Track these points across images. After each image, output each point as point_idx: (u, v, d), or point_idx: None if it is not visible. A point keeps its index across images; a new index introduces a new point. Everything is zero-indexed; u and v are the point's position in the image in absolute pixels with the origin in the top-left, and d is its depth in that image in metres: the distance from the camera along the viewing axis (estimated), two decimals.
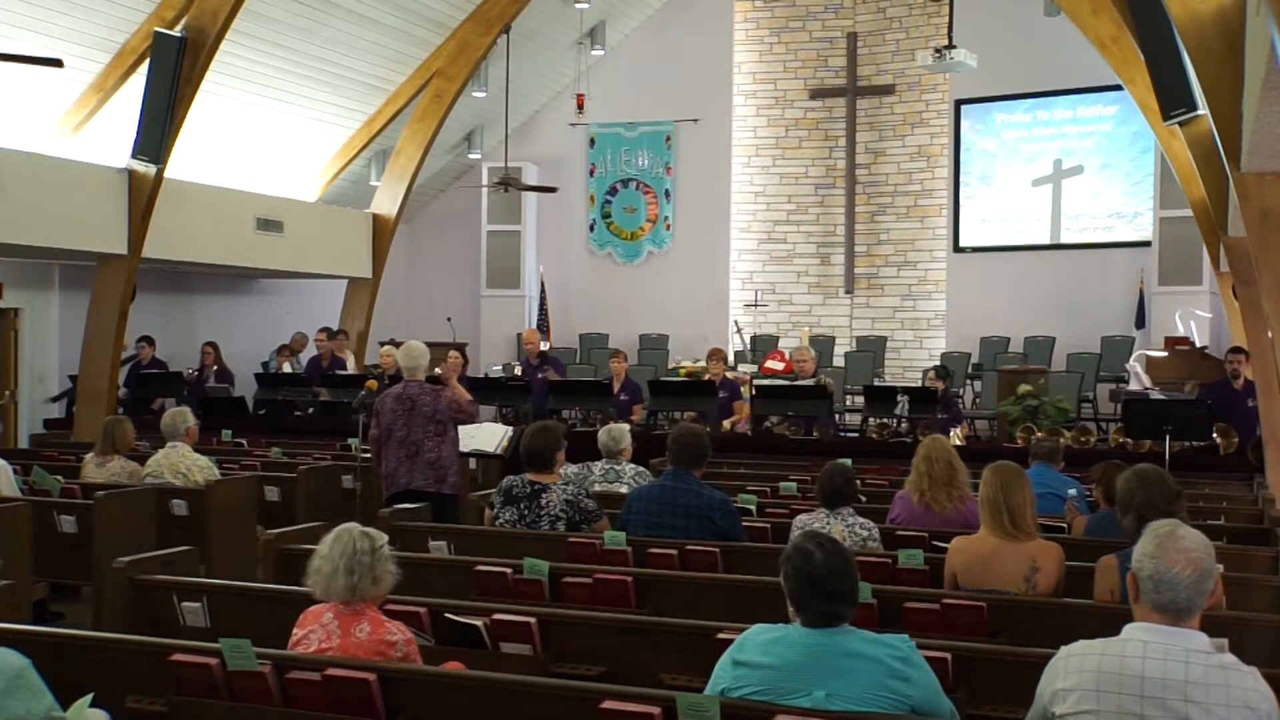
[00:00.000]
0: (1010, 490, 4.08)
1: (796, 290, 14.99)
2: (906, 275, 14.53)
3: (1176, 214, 12.00)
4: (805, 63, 14.87)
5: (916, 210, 14.45)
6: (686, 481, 4.94)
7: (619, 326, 14.91)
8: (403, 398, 6.38)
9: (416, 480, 6.31)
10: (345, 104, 13.16)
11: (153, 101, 10.00)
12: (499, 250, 15.39)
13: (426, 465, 6.31)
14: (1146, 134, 12.12)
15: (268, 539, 4.60)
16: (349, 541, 3.11)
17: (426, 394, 6.36)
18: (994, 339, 13.45)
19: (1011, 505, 4.05)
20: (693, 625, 3.48)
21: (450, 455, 6.39)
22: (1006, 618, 3.78)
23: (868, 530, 4.79)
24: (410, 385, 6.41)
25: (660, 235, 15.35)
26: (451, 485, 6.32)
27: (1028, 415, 8.97)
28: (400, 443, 6.36)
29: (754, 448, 8.95)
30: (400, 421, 6.37)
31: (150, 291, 12.60)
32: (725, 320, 14.49)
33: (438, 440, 6.34)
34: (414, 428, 6.34)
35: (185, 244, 11.56)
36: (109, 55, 10.53)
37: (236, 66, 11.52)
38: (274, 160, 13.16)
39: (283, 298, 14.56)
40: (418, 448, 6.33)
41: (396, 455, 6.37)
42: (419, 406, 6.33)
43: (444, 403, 6.34)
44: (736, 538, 4.88)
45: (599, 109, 14.82)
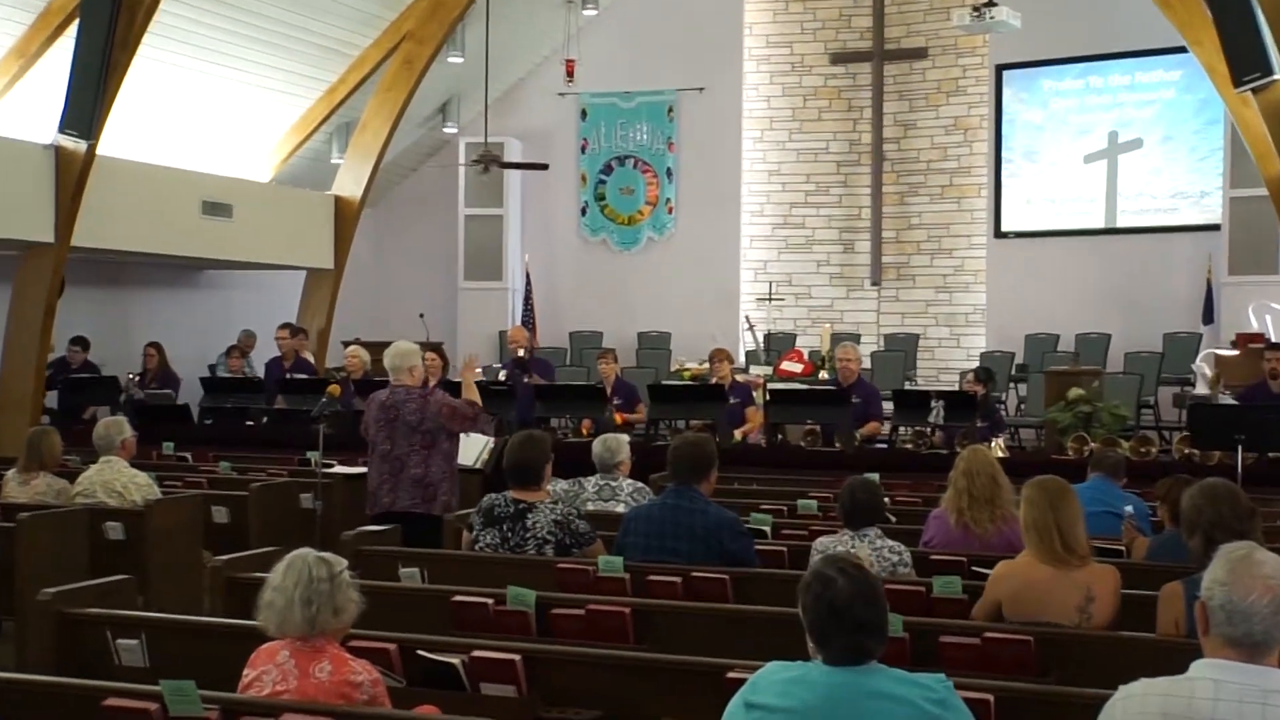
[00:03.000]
0: (1059, 509, 4.07)
1: (816, 282, 14.98)
2: (941, 264, 14.53)
3: (1249, 193, 11.99)
4: (825, 23, 14.87)
5: (952, 190, 14.45)
6: (691, 499, 4.93)
7: (614, 323, 14.91)
8: (387, 405, 6.37)
9: (401, 500, 6.29)
10: (303, 71, 13.15)
11: (82, 68, 9.98)
12: (478, 237, 15.38)
13: (411, 483, 6.30)
14: (1215, 102, 12.12)
15: (215, 566, 4.59)
16: (303, 569, 3.10)
17: (412, 400, 6.34)
18: (1041, 337, 13.45)
19: (1062, 526, 4.04)
20: (699, 663, 3.47)
21: (440, 471, 6.38)
22: (1057, 654, 3.77)
23: (898, 554, 4.78)
24: (396, 391, 6.40)
25: (661, 220, 15.35)
26: (443, 506, 6.30)
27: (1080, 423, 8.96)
28: (383, 457, 6.36)
29: (768, 461, 8.94)
30: (383, 433, 6.36)
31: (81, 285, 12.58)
32: (735, 316, 14.48)
33: (423, 454, 6.32)
34: (396, 440, 6.33)
35: (120, 231, 11.54)
36: (32, 15, 10.51)
37: (178, 28, 11.51)
38: (222, 135, 13.15)
39: (232, 291, 14.55)
40: (401, 463, 6.31)
41: (379, 472, 6.37)
42: (403, 416, 6.32)
43: (432, 408, 6.32)
44: (749, 563, 4.87)
45: (591, 76, 14.82)
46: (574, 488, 6.22)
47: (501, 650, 3.60)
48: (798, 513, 6.55)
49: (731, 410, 9.62)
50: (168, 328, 13.07)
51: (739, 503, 6.37)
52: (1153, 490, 5.62)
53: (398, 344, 6.55)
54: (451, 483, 6.49)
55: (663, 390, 10.08)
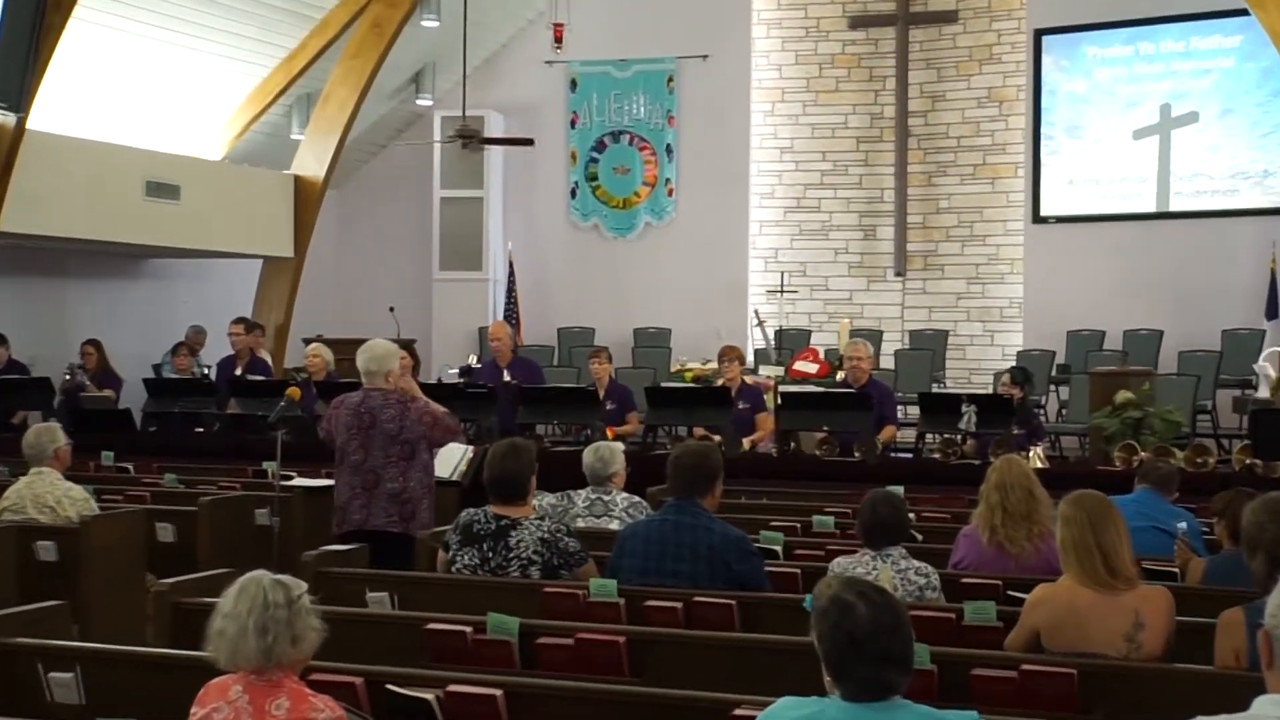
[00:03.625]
0: (1100, 528, 4.07)
1: (833, 272, 14.99)
2: (973, 253, 14.53)
3: None
4: None
5: (986, 170, 14.46)
6: (694, 515, 4.93)
7: (608, 319, 14.91)
8: (361, 411, 6.36)
9: (376, 517, 6.28)
10: (258, 36, 13.14)
11: (10, 31, 9.96)
12: (455, 222, 15.38)
13: (388, 499, 6.29)
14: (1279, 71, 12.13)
15: (160, 590, 4.59)
16: (258, 594, 3.10)
17: (391, 406, 6.33)
18: (1084, 333, 13.46)
19: (1104, 546, 4.04)
20: (702, 698, 3.46)
21: (419, 486, 6.37)
22: (1102, 688, 3.77)
23: (925, 577, 4.78)
24: (371, 396, 6.39)
25: (660, 203, 15.36)
26: (422, 526, 6.29)
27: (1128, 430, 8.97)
28: (355, 469, 6.34)
29: (779, 472, 8.94)
30: (355, 442, 6.34)
31: (9, 274, 12.56)
32: (743, 311, 14.48)
33: (402, 466, 6.31)
34: (372, 450, 6.31)
35: (54, 214, 11.52)
36: None
37: None
38: (168, 108, 13.14)
39: (180, 282, 14.53)
40: (377, 476, 6.30)
41: (350, 485, 6.35)
42: (380, 423, 6.31)
43: (413, 416, 6.31)
44: (758, 587, 4.87)
45: (582, 43, 14.81)
46: (562, 502, 6.21)
47: (480, 685, 3.60)
48: (812, 530, 6.54)
49: (739, 416, 9.62)
50: (107, 323, 13.06)
51: (747, 519, 6.35)
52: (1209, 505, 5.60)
53: (374, 344, 6.54)
54: (431, 500, 6.48)
55: (662, 393, 10.07)
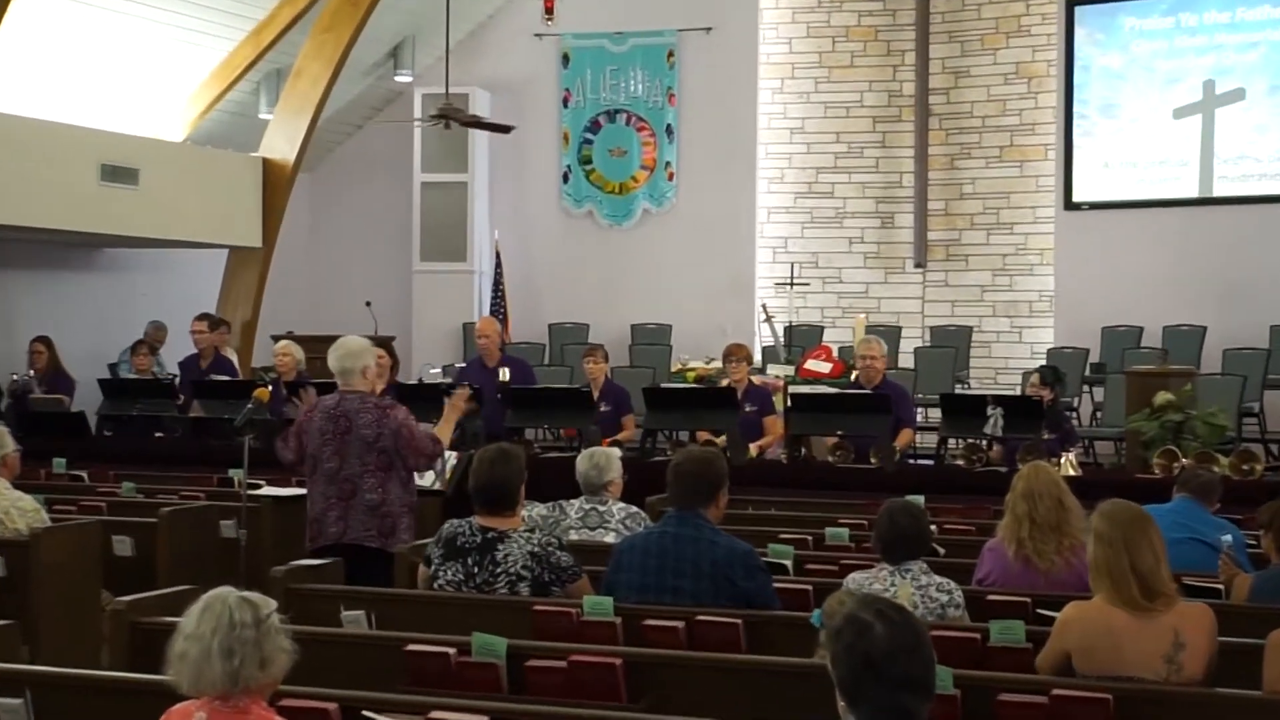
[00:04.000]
0: (1134, 543, 4.07)
1: (848, 263, 14.98)
2: (1000, 242, 14.53)
3: None
4: None
5: (1013, 152, 14.46)
6: (697, 527, 4.93)
7: (603, 314, 14.90)
8: (336, 415, 6.34)
9: (353, 530, 6.27)
10: (224, 7, 13.12)
11: None
12: (438, 209, 15.36)
13: (366, 511, 6.28)
14: None
15: (117, 609, 4.58)
16: (223, 612, 3.10)
17: (369, 411, 6.32)
18: (1121, 329, 13.45)
19: (1141, 569, 4.04)
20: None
21: (399, 498, 6.36)
22: (1139, 713, 3.77)
23: (947, 594, 4.78)
24: (348, 398, 6.38)
25: (660, 188, 15.35)
26: (404, 541, 6.28)
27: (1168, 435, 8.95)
28: (329, 477, 6.33)
29: (789, 480, 8.93)
30: (330, 448, 6.33)
31: None
32: (750, 305, 14.47)
33: (380, 476, 6.30)
34: (348, 458, 6.30)
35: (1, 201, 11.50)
36: None
37: None
38: (125, 85, 13.12)
39: (138, 275, 14.51)
40: (354, 486, 6.29)
41: (324, 495, 6.34)
42: (357, 429, 6.30)
43: (392, 426, 6.30)
44: (766, 605, 4.87)
45: (575, 14, 14.81)
46: (554, 513, 6.20)
47: (465, 710, 3.59)
48: (825, 543, 6.54)
49: (745, 419, 9.61)
50: (59, 319, 13.04)
51: (754, 531, 6.37)
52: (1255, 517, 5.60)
53: (346, 340, 6.53)
54: (413, 517, 6.47)
55: (662, 395, 10.06)
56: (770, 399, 10.06)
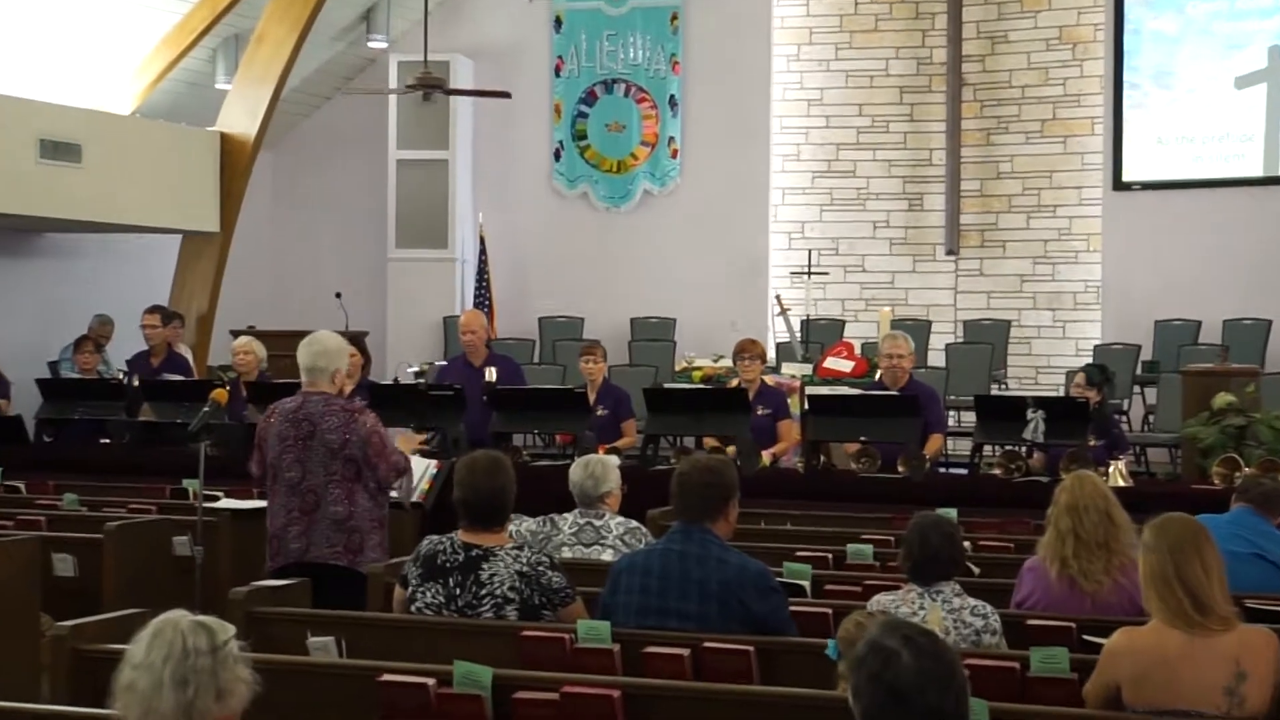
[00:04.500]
0: (1182, 555, 4.07)
1: (872, 250, 14.98)
2: (1041, 227, 14.53)
3: None
4: None
5: (1056, 126, 14.46)
6: (703, 544, 4.92)
7: (600, 307, 14.91)
8: (298, 418, 6.33)
9: (317, 547, 6.26)
10: None
11: None
12: (416, 190, 15.35)
13: (331, 526, 6.27)
14: None
15: (58, 635, 4.58)
16: (175, 639, 3.09)
17: (335, 414, 6.31)
18: (1176, 323, 13.46)
19: (1187, 579, 4.04)
20: None
21: (368, 511, 6.35)
22: None
23: (982, 618, 4.78)
24: (312, 400, 6.37)
25: (662, 166, 15.34)
26: (374, 559, 6.27)
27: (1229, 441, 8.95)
28: (290, 488, 6.31)
29: (807, 491, 8.93)
30: (290, 456, 6.32)
31: None
32: (763, 297, 14.47)
33: (347, 488, 6.28)
34: (311, 466, 6.29)
35: None
36: None
37: None
38: (67, 53, 13.11)
39: (82, 262, 14.51)
40: (317, 498, 6.29)
41: (285, 508, 6.33)
42: (321, 434, 6.29)
43: (361, 432, 6.29)
44: (780, 630, 4.87)
45: None
46: (545, 528, 6.20)
47: None
48: (847, 562, 6.53)
49: (757, 423, 9.61)
50: None
51: (768, 548, 6.36)
52: None
53: (322, 336, 6.50)
54: (384, 534, 6.46)
55: (665, 397, 10.06)
56: (785, 401, 10.06)
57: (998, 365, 13.75)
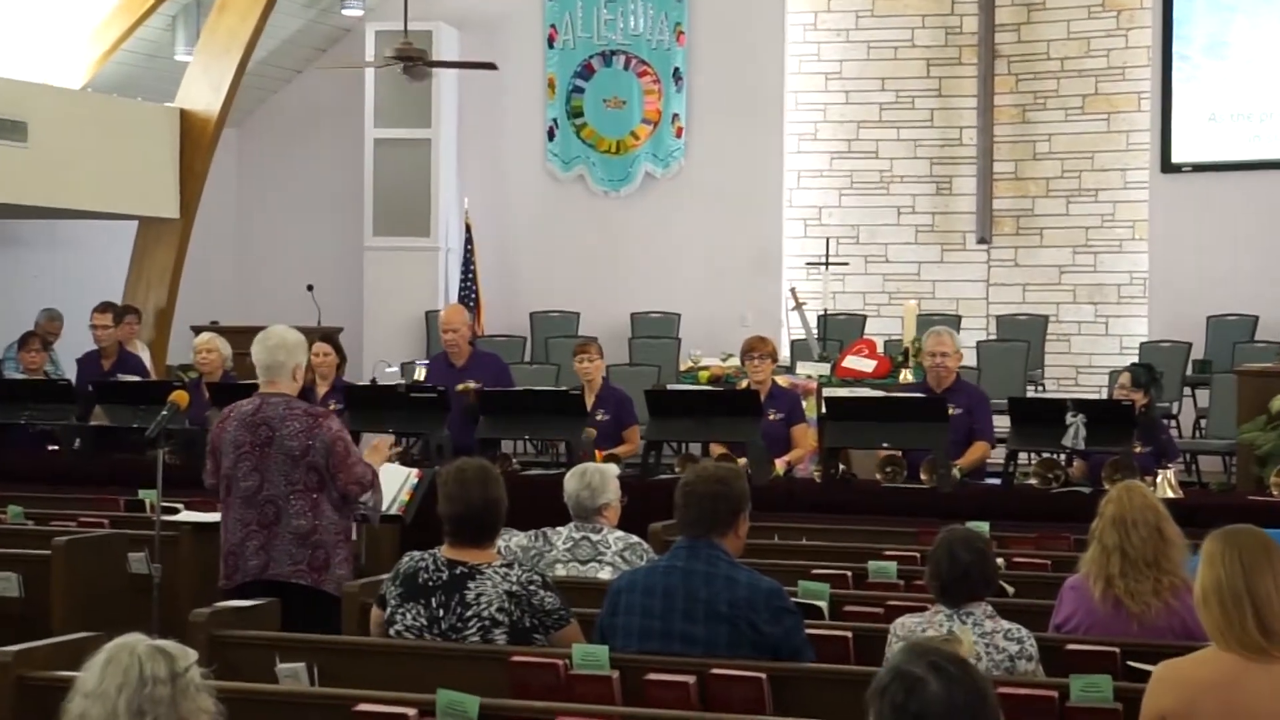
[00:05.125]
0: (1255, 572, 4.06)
1: (896, 238, 14.98)
2: (1082, 213, 14.53)
3: None
4: None
5: (1099, 102, 14.45)
6: (711, 561, 4.92)
7: (597, 300, 14.92)
8: (255, 423, 6.33)
9: (277, 564, 6.25)
10: None
11: None
12: (395, 173, 15.35)
13: (293, 540, 6.26)
14: None
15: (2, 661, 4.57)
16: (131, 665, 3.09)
17: (296, 418, 6.30)
18: (1230, 319, 13.46)
19: (1257, 595, 4.03)
20: None
21: (333, 524, 6.34)
22: None
23: (1017, 642, 4.78)
24: (270, 402, 6.36)
25: (665, 146, 15.34)
26: (337, 579, 6.26)
27: None
28: (247, 499, 6.31)
29: (825, 503, 8.93)
30: (247, 464, 6.32)
31: None
32: (776, 289, 14.46)
33: (310, 499, 6.27)
34: (270, 475, 6.29)
35: None
36: None
37: None
38: (10, 21, 13.09)
39: (27, 252, 14.51)
40: (276, 510, 6.28)
41: (241, 521, 6.33)
42: (280, 439, 6.29)
43: (325, 438, 6.29)
44: (795, 655, 4.87)
45: None
46: (536, 543, 6.20)
47: None
48: (868, 580, 6.54)
49: (770, 428, 9.61)
50: None
51: (782, 565, 6.37)
52: None
53: (279, 331, 6.49)
54: (349, 550, 6.46)
55: (668, 399, 10.05)
56: (800, 404, 10.06)
57: (1034, 365, 13.74)
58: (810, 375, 11.30)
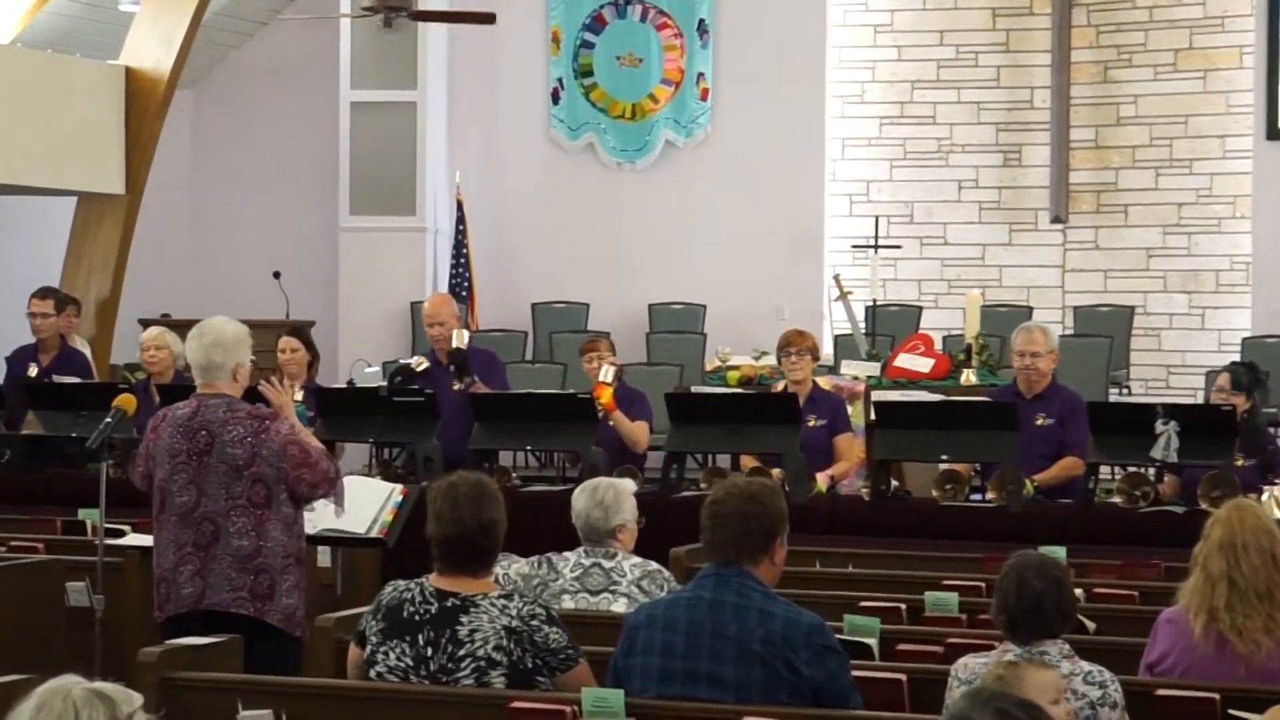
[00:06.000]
0: None
1: (956, 217, 14.98)
2: (1174, 186, 14.53)
3: None
4: None
5: (1194, 58, 14.45)
6: (743, 592, 4.92)
7: (610, 290, 14.97)
8: (192, 428, 6.36)
9: (214, 591, 6.27)
10: None
11: None
12: (375, 141, 15.36)
13: (233, 564, 6.28)
14: None
15: None
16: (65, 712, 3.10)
17: (239, 423, 6.32)
18: None
19: None
20: None
21: (281, 546, 6.35)
22: None
23: (1099, 686, 4.78)
24: (209, 405, 6.39)
25: (689, 111, 15.35)
26: (285, 609, 6.29)
27: None
28: (183, 517, 6.34)
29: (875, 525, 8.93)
30: (183, 476, 6.35)
31: None
32: (817, 277, 14.47)
33: (254, 516, 6.30)
34: (209, 489, 6.31)
35: None
36: None
37: None
38: None
39: None
40: (215, 528, 6.30)
41: (175, 542, 6.35)
42: (221, 447, 6.31)
43: (274, 444, 6.30)
44: (840, 701, 4.87)
45: None
46: (540, 571, 6.22)
47: None
48: (925, 614, 6.54)
49: (810, 438, 9.62)
50: None
51: (825, 596, 6.37)
52: None
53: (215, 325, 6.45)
54: (301, 575, 6.45)
55: (692, 404, 10.07)
56: (845, 410, 10.07)
57: (1117, 364, 13.75)
58: (857, 376, 11.30)
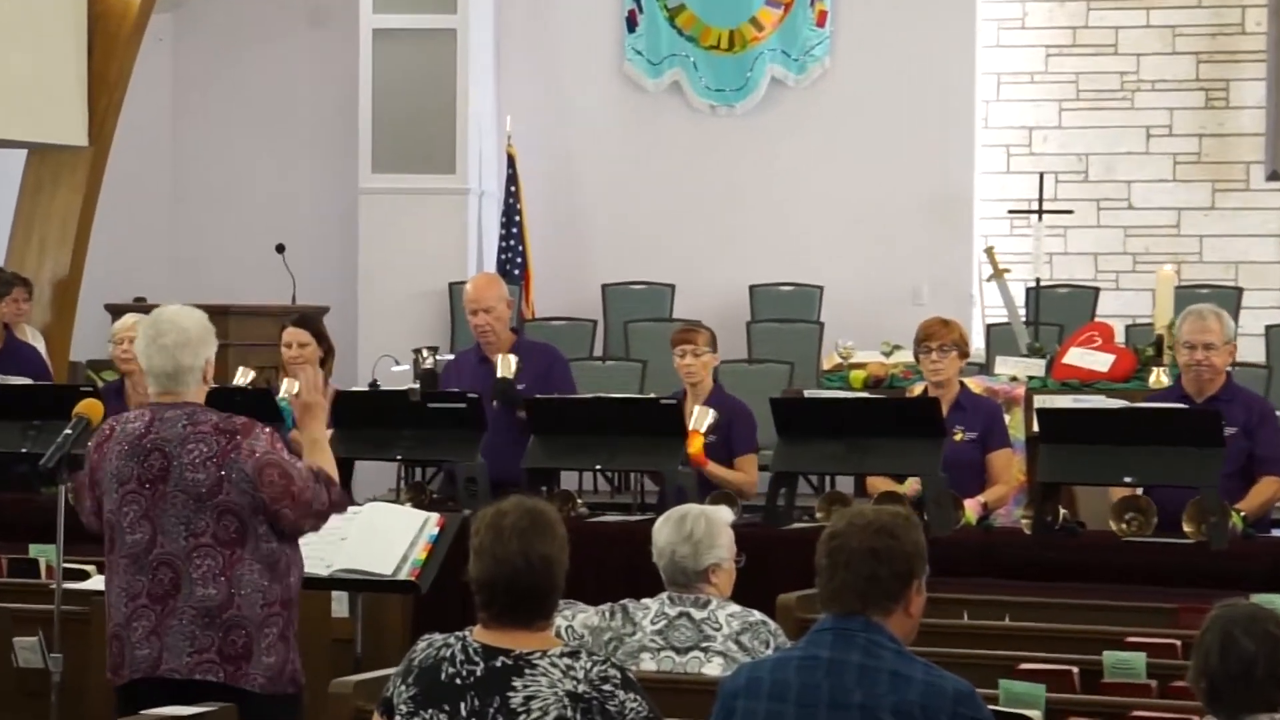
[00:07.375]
0: None
1: (1144, 174, 14.95)
2: None
3: None
4: None
5: None
6: (870, 650, 4.92)
7: (700, 268, 15.04)
8: (144, 448, 6.40)
9: (174, 655, 6.27)
10: None
11: None
12: (405, 82, 15.44)
13: (195, 619, 6.31)
14: None
15: None
16: None
17: (203, 439, 6.34)
18: None
19: None
20: None
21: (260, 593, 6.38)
22: None
23: None
24: (166, 419, 6.42)
25: (801, 40, 15.37)
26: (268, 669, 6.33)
27: None
28: (135, 560, 6.37)
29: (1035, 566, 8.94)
30: (135, 508, 6.38)
31: None
32: (965, 249, 14.49)
33: (225, 556, 6.33)
34: (165, 524, 6.34)
35: None
36: None
37: None
38: None
39: None
40: (175, 575, 6.34)
41: (128, 591, 6.39)
42: (179, 470, 6.33)
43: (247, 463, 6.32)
44: None
45: None
46: (613, 623, 6.26)
47: None
48: (1104, 681, 6.55)
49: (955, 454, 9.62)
50: None
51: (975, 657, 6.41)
52: None
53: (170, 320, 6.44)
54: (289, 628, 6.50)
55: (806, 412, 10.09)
56: (1001, 419, 10.06)
57: None
58: (1016, 377, 11.29)
